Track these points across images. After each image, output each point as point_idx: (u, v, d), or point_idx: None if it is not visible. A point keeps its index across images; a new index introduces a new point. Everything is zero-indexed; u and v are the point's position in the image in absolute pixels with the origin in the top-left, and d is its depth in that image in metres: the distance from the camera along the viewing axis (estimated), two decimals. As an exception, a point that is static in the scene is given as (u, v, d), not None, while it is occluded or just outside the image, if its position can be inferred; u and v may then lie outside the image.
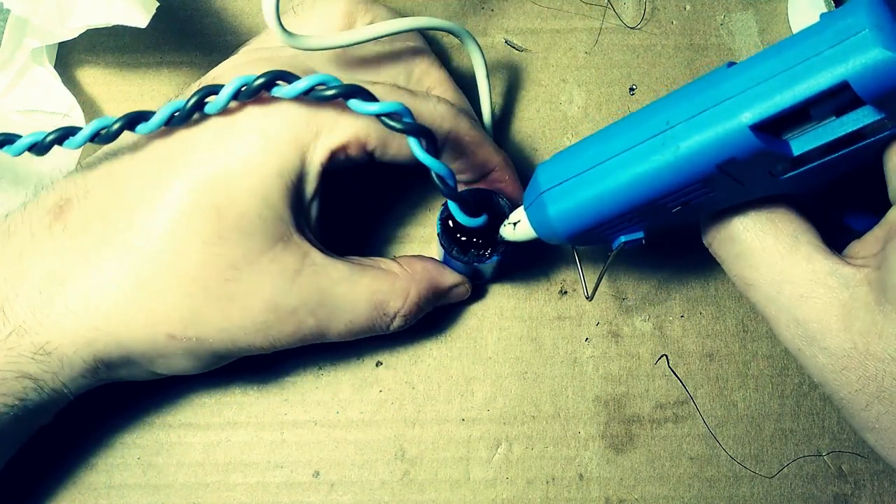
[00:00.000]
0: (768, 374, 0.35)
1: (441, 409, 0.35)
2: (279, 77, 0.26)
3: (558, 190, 0.27)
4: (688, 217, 0.27)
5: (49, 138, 0.27)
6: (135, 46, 0.37)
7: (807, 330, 0.26)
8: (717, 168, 0.24)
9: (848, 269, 0.25)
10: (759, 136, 0.23)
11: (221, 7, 0.38)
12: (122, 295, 0.27)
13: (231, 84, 0.26)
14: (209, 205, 0.27)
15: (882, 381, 0.24)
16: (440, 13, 0.38)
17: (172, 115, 0.27)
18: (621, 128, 0.26)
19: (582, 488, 0.34)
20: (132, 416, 0.34)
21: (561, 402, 0.35)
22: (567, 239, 0.28)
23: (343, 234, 0.35)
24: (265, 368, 0.35)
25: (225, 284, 0.27)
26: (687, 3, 0.39)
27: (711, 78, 0.24)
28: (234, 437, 0.34)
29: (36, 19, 0.30)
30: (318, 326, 0.30)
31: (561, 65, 0.38)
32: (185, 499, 0.34)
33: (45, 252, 0.27)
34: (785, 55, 0.22)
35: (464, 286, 0.34)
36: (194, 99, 0.27)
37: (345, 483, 0.34)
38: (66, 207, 0.28)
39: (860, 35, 0.21)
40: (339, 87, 0.26)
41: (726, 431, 0.35)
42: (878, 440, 0.26)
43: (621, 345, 0.35)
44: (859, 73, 0.21)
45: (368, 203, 0.36)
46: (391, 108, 0.26)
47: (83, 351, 0.27)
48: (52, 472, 0.34)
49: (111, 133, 0.27)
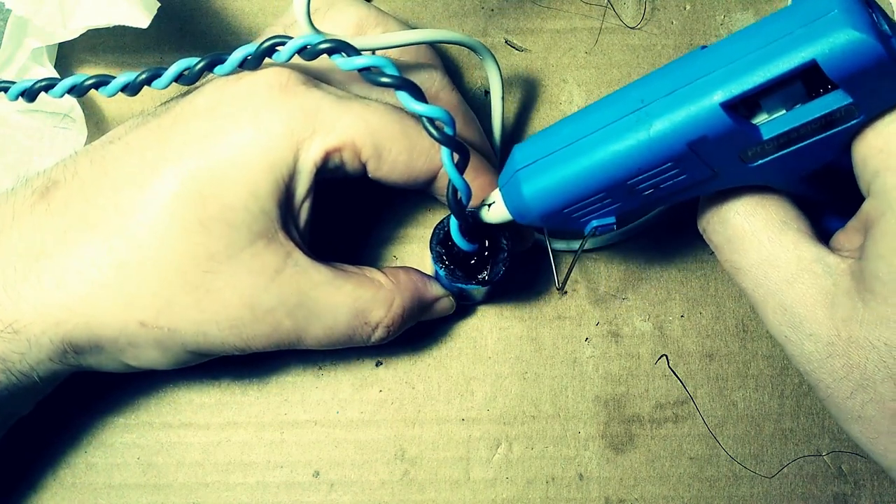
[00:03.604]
0: (768, 374, 0.35)
1: (441, 409, 0.35)
2: (343, 48, 0.26)
3: (532, 168, 0.27)
4: (660, 202, 0.27)
5: (140, 78, 0.28)
6: (135, 46, 0.37)
7: (793, 316, 0.26)
8: (688, 146, 0.24)
9: (832, 257, 0.26)
10: (731, 115, 0.23)
11: (221, 7, 0.38)
12: (96, 276, 0.27)
13: (298, 39, 0.26)
14: (195, 192, 0.27)
15: (865, 369, 0.25)
16: (440, 13, 0.38)
17: (245, 59, 0.27)
18: (597, 107, 0.26)
19: (582, 488, 0.34)
20: (132, 416, 0.34)
21: (561, 401, 0.35)
22: (540, 218, 0.27)
23: (340, 233, 0.35)
24: (265, 368, 0.35)
25: (203, 275, 0.27)
26: (687, 3, 0.39)
27: (685, 59, 0.25)
28: (234, 437, 0.34)
29: (37, 20, 0.31)
30: (294, 329, 0.29)
31: (561, 65, 0.38)
32: (185, 499, 0.34)
33: (25, 229, 0.27)
34: (756, 36, 0.23)
35: (448, 300, 0.33)
36: (267, 44, 0.27)
37: (345, 483, 0.34)
38: (52, 188, 0.28)
39: (829, 16, 0.21)
40: (394, 77, 0.26)
41: (726, 431, 0.35)
42: (863, 430, 0.26)
43: (621, 345, 0.35)
44: (827, 53, 0.21)
45: (367, 202, 0.36)
46: (437, 114, 0.26)
47: (51, 332, 0.27)
48: (52, 471, 0.34)
49: (194, 74, 0.28)
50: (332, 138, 0.28)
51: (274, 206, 0.28)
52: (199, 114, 0.28)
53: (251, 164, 0.27)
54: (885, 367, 0.24)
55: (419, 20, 0.38)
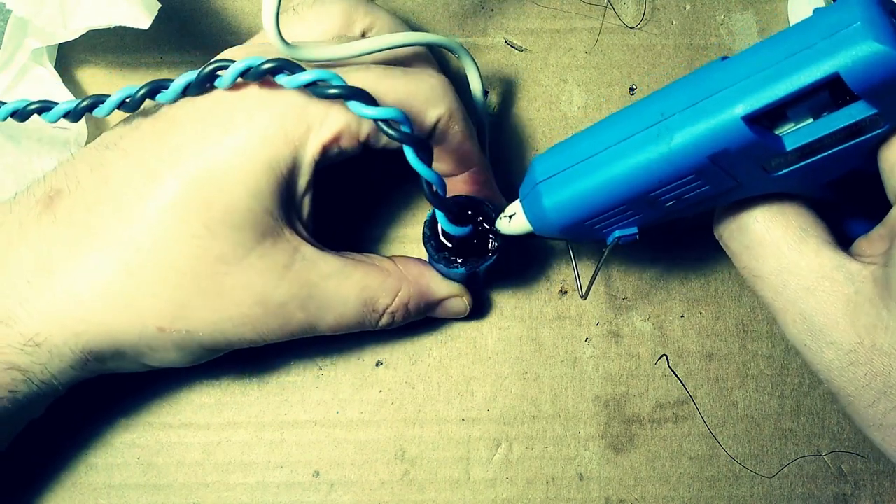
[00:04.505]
0: (768, 374, 0.35)
1: (441, 409, 0.35)
2: (286, 66, 0.26)
3: (553, 181, 0.27)
4: (682, 212, 0.27)
5: (81, 105, 0.28)
6: (135, 46, 0.37)
7: (813, 324, 0.26)
8: (710, 160, 0.24)
9: (854, 264, 0.25)
10: (752, 127, 0.23)
11: (221, 7, 0.38)
12: (111, 286, 0.27)
13: (239, 63, 0.27)
14: (199, 197, 0.27)
15: (889, 377, 0.24)
16: (440, 13, 0.38)
17: (187, 85, 0.27)
18: (617, 119, 0.26)
19: (582, 488, 0.34)
20: (132, 416, 0.34)
21: (561, 402, 0.35)
22: (561, 231, 0.28)
23: (339, 231, 0.35)
24: (265, 368, 0.35)
25: (214, 278, 0.27)
26: (687, 3, 0.39)
27: (705, 70, 0.24)
28: (234, 437, 0.34)
29: (38, 20, 0.30)
30: (307, 320, 0.30)
31: (561, 65, 0.38)
32: (185, 499, 0.34)
33: (34, 241, 0.27)
34: (778, 48, 0.23)
35: (460, 300, 0.33)
36: (208, 69, 0.27)
37: (345, 483, 0.34)
38: (55, 197, 0.28)
39: (851, 28, 0.21)
40: (341, 87, 0.26)
41: (726, 431, 0.35)
42: (885, 437, 0.26)
43: (621, 345, 0.35)
44: (850, 65, 0.21)
45: (364, 202, 0.36)
46: (390, 115, 0.26)
47: (72, 342, 0.27)
48: (52, 471, 0.34)
49: (136, 101, 0.28)
50: (326, 131, 0.28)
51: (276, 204, 0.28)
52: (194, 117, 0.28)
53: (251, 166, 0.27)
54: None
55: (419, 20, 0.38)
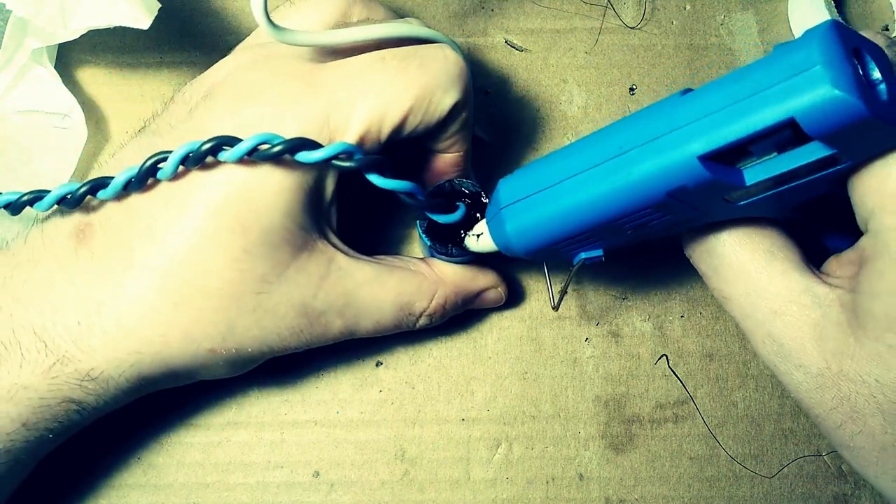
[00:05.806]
0: (768, 374, 0.35)
1: (441, 409, 0.35)
2: (224, 142, 0.26)
3: (516, 207, 0.27)
4: (646, 236, 0.27)
5: (22, 199, 0.28)
6: (135, 46, 0.37)
7: (782, 347, 0.26)
8: (668, 195, 0.24)
9: (822, 287, 0.26)
10: (709, 166, 0.23)
11: (221, 7, 0.38)
12: (160, 316, 0.27)
13: (178, 151, 0.27)
14: (234, 223, 0.27)
15: (855, 402, 0.25)
16: (440, 13, 0.38)
17: (129, 180, 0.27)
18: (579, 148, 0.26)
19: (582, 488, 0.34)
20: (132, 417, 0.34)
21: (561, 402, 0.35)
22: (525, 254, 0.28)
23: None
24: (265, 368, 0.35)
25: (257, 297, 0.28)
26: (687, 3, 0.39)
27: (667, 104, 0.24)
28: (234, 437, 0.34)
29: (38, 20, 0.30)
30: (346, 326, 0.30)
31: (561, 65, 0.38)
32: (185, 499, 0.34)
33: (76, 278, 0.28)
34: (738, 86, 0.22)
35: (496, 291, 0.34)
36: (148, 164, 0.27)
37: (345, 483, 0.34)
38: (87, 232, 0.28)
39: (810, 71, 0.21)
40: (282, 144, 0.26)
41: (726, 431, 0.35)
42: (853, 458, 0.26)
43: (621, 345, 0.35)
44: (806, 110, 0.21)
45: (384, 203, 0.36)
46: (339, 149, 0.26)
47: (128, 373, 0.28)
48: (52, 471, 0.34)
49: (76, 198, 0.28)
50: (349, 139, 0.28)
51: (308, 218, 0.29)
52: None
53: (280, 186, 0.27)
54: (876, 402, 0.24)
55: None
